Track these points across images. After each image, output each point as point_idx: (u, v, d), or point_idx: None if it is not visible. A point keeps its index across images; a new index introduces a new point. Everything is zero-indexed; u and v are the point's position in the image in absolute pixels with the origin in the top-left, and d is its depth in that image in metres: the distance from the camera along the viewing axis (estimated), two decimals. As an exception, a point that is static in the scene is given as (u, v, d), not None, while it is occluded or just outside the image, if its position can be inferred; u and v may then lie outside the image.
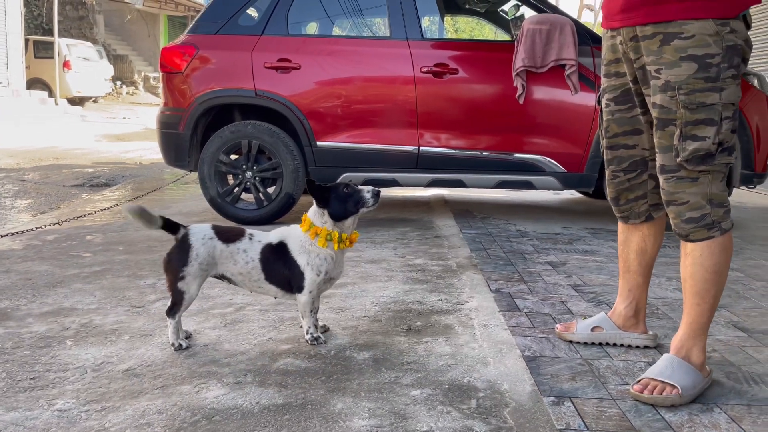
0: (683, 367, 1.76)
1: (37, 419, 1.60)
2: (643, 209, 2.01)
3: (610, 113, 1.94)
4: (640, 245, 2.05)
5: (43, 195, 5.94)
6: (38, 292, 2.67)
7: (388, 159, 4.19)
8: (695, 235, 1.76)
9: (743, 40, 1.69)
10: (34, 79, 17.52)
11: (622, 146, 1.95)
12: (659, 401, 1.69)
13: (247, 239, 2.08)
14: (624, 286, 2.11)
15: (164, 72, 4.32)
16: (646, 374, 1.77)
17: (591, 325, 2.11)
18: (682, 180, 1.73)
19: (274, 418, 1.61)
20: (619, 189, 2.00)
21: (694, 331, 1.81)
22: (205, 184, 4.21)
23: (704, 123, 1.68)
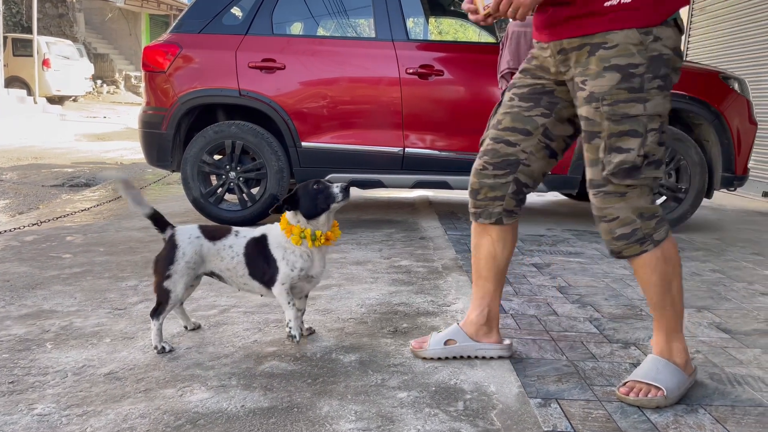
0: (668, 368, 1.76)
1: (16, 424, 1.56)
2: (496, 211, 1.93)
3: (511, 107, 1.88)
4: (489, 250, 1.97)
5: (22, 195, 5.84)
6: (17, 294, 2.62)
7: (373, 160, 4.18)
8: (628, 251, 1.73)
9: (671, 48, 1.64)
10: (12, 78, 17.23)
11: (504, 141, 1.88)
12: (644, 403, 1.69)
13: (233, 236, 2.09)
14: (476, 294, 2.03)
15: (147, 71, 4.27)
16: (632, 376, 1.77)
17: (444, 339, 2.01)
18: (610, 195, 1.70)
19: (260, 422, 1.59)
20: (483, 183, 1.92)
21: (668, 334, 1.80)
22: (188, 184, 4.17)
23: (628, 134, 1.64)
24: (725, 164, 4.17)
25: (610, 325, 2.37)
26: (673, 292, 1.76)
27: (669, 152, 4.14)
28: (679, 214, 4.21)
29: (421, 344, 2.04)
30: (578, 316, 2.46)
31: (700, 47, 8.23)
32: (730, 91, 4.17)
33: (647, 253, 1.72)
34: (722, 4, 7.70)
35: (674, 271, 1.75)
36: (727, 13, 7.59)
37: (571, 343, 2.16)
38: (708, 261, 3.47)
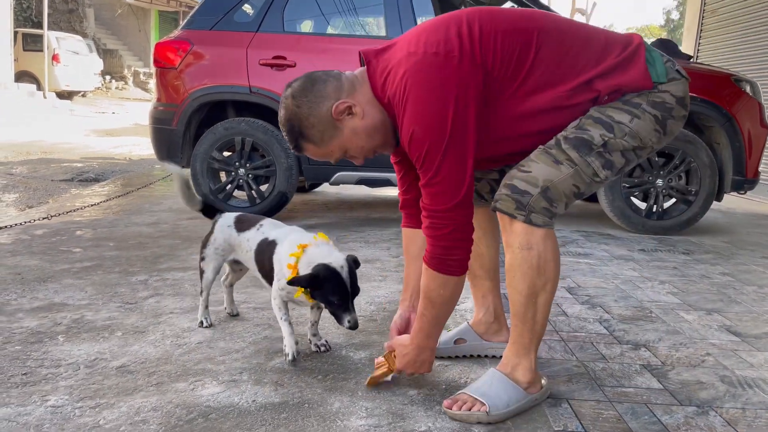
0: (503, 384, 1.65)
1: (30, 415, 1.57)
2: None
3: None
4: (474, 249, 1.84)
5: (32, 189, 5.87)
6: (28, 287, 2.64)
7: (381, 158, 4.17)
8: (502, 204, 1.57)
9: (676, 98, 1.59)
10: (22, 72, 17.34)
11: None
12: (464, 418, 1.60)
13: (254, 229, 2.08)
14: (476, 293, 2.02)
15: (158, 67, 4.29)
16: (464, 389, 1.69)
17: (454, 338, 2.01)
18: (547, 155, 1.56)
19: (271, 417, 1.60)
20: None
21: (518, 350, 1.67)
22: (197, 180, 4.18)
23: (602, 125, 1.56)
24: (736, 167, 4.16)
25: (620, 326, 2.36)
26: (539, 306, 1.61)
27: (680, 154, 4.13)
28: (689, 217, 4.19)
29: None
30: (588, 317, 2.45)
31: (711, 49, 8.19)
32: (741, 93, 4.15)
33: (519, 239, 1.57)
34: (733, 7, 7.66)
35: (544, 283, 1.60)
36: (738, 15, 7.55)
37: (581, 344, 2.16)
38: (718, 264, 3.46)
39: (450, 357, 2.00)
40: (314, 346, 2.03)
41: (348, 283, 1.80)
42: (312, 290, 1.81)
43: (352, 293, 1.81)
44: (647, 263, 3.41)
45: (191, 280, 2.82)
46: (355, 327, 1.80)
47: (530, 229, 1.57)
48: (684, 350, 2.14)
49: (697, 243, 4.01)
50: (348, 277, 1.80)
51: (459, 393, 1.68)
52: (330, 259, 1.81)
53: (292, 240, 1.94)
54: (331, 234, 3.85)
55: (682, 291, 2.88)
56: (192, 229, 3.92)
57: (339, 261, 1.81)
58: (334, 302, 1.80)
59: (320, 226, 4.15)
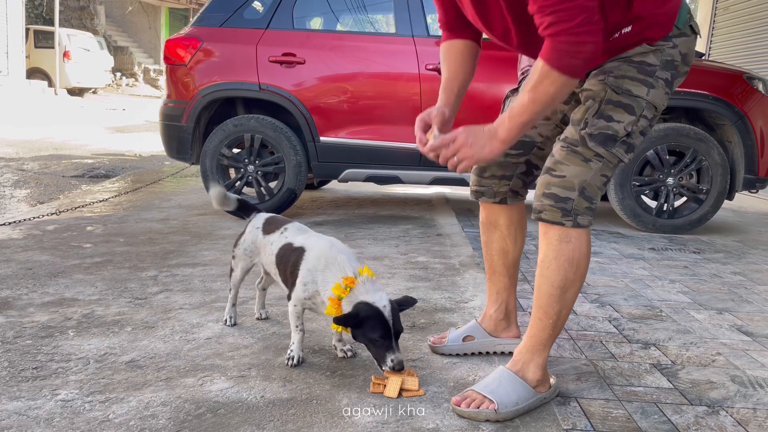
0: (512, 382, 1.65)
1: (40, 409, 1.58)
2: (501, 190, 1.89)
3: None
4: (501, 245, 1.95)
5: (43, 185, 5.91)
6: (39, 282, 2.65)
7: (391, 156, 4.18)
8: (548, 214, 1.61)
9: (682, 54, 1.62)
10: (33, 69, 17.47)
11: None
12: (472, 415, 1.59)
13: (278, 233, 2.05)
14: (492, 289, 2.01)
15: (168, 64, 4.30)
16: (473, 386, 1.68)
17: (462, 335, 1.99)
18: (575, 154, 1.60)
19: (279, 412, 1.60)
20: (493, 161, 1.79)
21: (534, 345, 1.68)
22: (207, 177, 4.20)
23: (624, 108, 1.58)
24: (748, 166, 4.12)
25: (630, 325, 2.35)
26: (566, 301, 1.63)
27: (691, 152, 4.10)
28: (700, 216, 4.16)
29: (440, 340, 2.03)
30: (597, 316, 2.44)
31: (723, 47, 8.13)
32: (754, 91, 4.11)
33: (560, 231, 1.61)
34: (746, 4, 7.59)
35: (575, 278, 1.62)
36: (750, 12, 7.48)
37: (590, 343, 2.15)
38: (729, 263, 3.43)
39: (458, 354, 1.99)
40: (340, 352, 1.98)
41: (391, 323, 1.72)
42: (353, 329, 1.76)
43: (395, 333, 1.73)
44: (657, 262, 3.39)
45: (200, 276, 2.83)
46: (400, 367, 1.70)
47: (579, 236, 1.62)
48: (694, 349, 2.12)
49: (708, 242, 3.98)
50: (391, 316, 1.72)
51: (467, 390, 1.67)
52: (374, 299, 1.74)
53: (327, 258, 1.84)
54: (340, 231, 3.87)
55: (693, 290, 2.86)
56: (201, 226, 3.93)
57: (382, 301, 1.74)
58: (376, 341, 1.72)
59: (329, 223, 4.15)
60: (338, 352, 1.98)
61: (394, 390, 1.72)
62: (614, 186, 4.14)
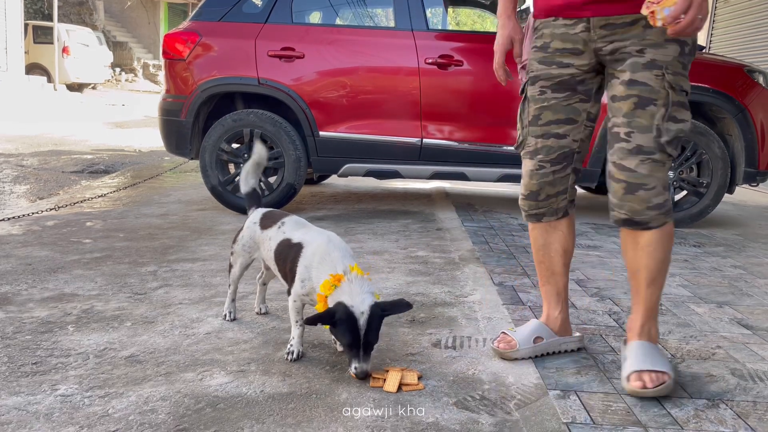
0: (655, 349, 1.79)
1: (39, 404, 1.59)
2: (562, 205, 1.92)
3: (545, 100, 1.84)
4: (562, 245, 1.97)
5: (42, 181, 5.91)
6: (39, 278, 2.65)
7: (390, 150, 4.17)
8: (656, 221, 1.72)
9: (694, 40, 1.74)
10: (33, 65, 17.41)
11: (553, 135, 1.85)
12: (661, 391, 1.67)
13: (276, 228, 2.05)
14: (551, 291, 2.01)
15: (167, 59, 4.29)
16: (635, 367, 1.72)
17: (532, 336, 1.96)
18: (656, 163, 1.68)
19: (279, 407, 1.60)
20: (543, 182, 1.88)
21: (649, 315, 1.82)
22: (206, 172, 4.19)
23: (683, 107, 1.69)
24: (748, 159, 4.11)
25: (630, 318, 2.35)
26: (666, 271, 1.80)
27: (691, 146, 4.09)
28: (700, 209, 4.16)
29: (509, 345, 1.94)
30: (597, 310, 2.44)
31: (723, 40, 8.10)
32: (754, 84, 4.09)
33: (666, 225, 1.74)
34: (747, -3, 7.56)
35: (670, 248, 1.79)
36: (751, 5, 7.45)
37: (590, 336, 2.15)
38: (729, 257, 3.43)
39: (530, 357, 1.94)
40: (340, 347, 1.96)
41: (362, 331, 1.71)
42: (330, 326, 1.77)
43: (365, 342, 1.72)
44: (657, 256, 3.38)
45: (200, 271, 2.83)
46: (361, 376, 1.73)
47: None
48: (694, 343, 2.12)
49: (708, 235, 3.98)
50: (365, 325, 1.71)
51: (632, 372, 1.71)
52: (353, 302, 1.72)
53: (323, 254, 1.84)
54: (340, 226, 3.86)
55: (693, 283, 2.86)
56: (201, 221, 3.93)
57: (362, 306, 1.72)
58: (344, 345, 1.76)
59: (329, 218, 4.15)
60: (338, 347, 1.98)
61: (394, 384, 1.72)
62: (614, 180, 4.13)
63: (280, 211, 2.19)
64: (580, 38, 1.78)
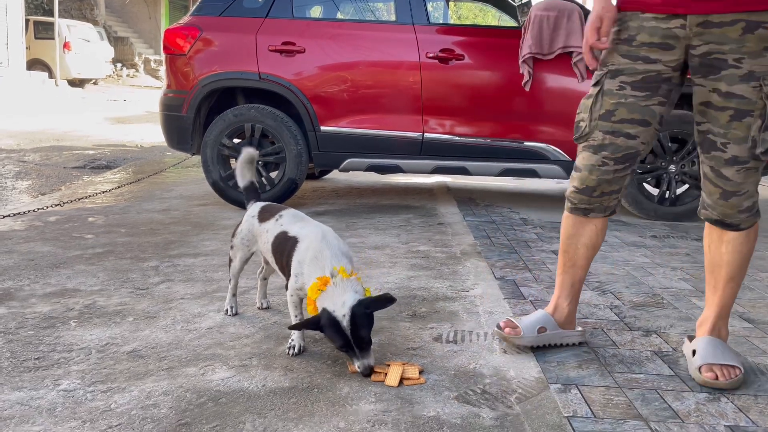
0: (726, 345, 1.83)
1: (42, 399, 1.59)
2: (612, 204, 1.92)
3: (623, 96, 1.79)
4: (592, 240, 1.96)
5: (44, 176, 5.92)
6: (41, 273, 2.66)
7: (392, 145, 4.17)
8: (746, 222, 1.79)
9: None
10: (34, 60, 17.41)
11: (624, 134, 1.81)
12: (733, 384, 1.73)
13: (274, 220, 2.05)
14: (566, 282, 2.01)
15: (167, 54, 4.29)
16: (706, 360, 1.76)
17: (537, 325, 1.96)
18: (750, 171, 1.73)
19: (281, 401, 1.61)
20: (602, 179, 1.86)
21: (724, 312, 1.87)
22: (207, 167, 4.19)
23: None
24: (750, 152, 4.09)
25: (631, 312, 2.35)
26: (746, 269, 1.85)
27: (693, 139, 4.07)
28: (702, 203, 4.14)
29: (514, 331, 1.95)
30: (598, 304, 2.44)
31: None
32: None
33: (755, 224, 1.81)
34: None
35: (754, 247, 1.85)
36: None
37: (591, 330, 2.15)
38: (731, 250, 3.42)
39: (533, 347, 1.95)
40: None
41: (348, 332, 1.71)
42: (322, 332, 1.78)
43: (356, 340, 1.72)
44: (659, 249, 3.38)
45: (202, 266, 2.83)
46: (366, 372, 1.73)
47: None
48: (696, 337, 2.12)
49: (710, 229, 3.97)
50: (349, 326, 1.71)
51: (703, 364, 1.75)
52: (335, 306, 1.73)
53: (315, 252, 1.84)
54: (341, 221, 3.87)
55: (695, 277, 2.86)
56: (203, 216, 3.93)
57: (343, 309, 1.72)
58: (339, 348, 1.77)
59: (330, 213, 4.15)
60: None
61: (395, 379, 1.72)
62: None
63: (279, 205, 2.19)
64: (673, 33, 1.72)
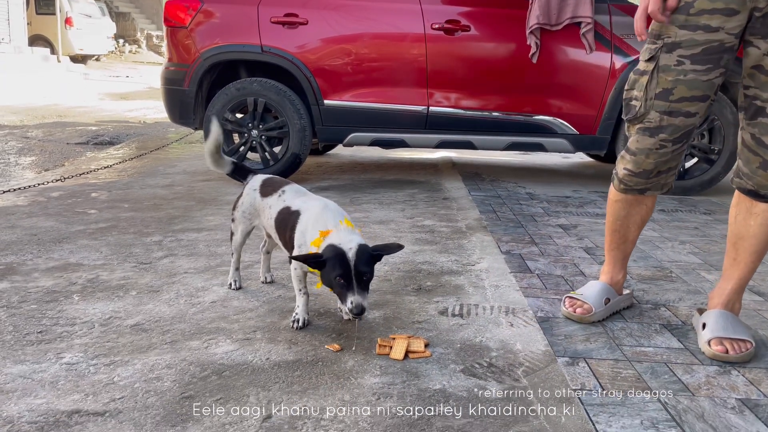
0: (737, 319, 1.80)
1: (45, 372, 1.58)
2: (669, 181, 1.89)
3: (682, 72, 1.68)
4: (642, 217, 1.97)
5: (47, 152, 5.89)
6: (44, 248, 2.64)
7: (396, 119, 4.11)
8: None
9: None
10: (35, 36, 17.27)
11: (683, 113, 1.72)
12: (744, 358, 1.70)
13: (276, 196, 2.02)
14: (618, 257, 2.04)
15: (168, 26, 4.22)
16: (716, 333, 1.73)
17: (602, 299, 1.97)
18: None
19: (285, 375, 1.59)
20: (659, 161, 1.80)
21: (741, 286, 1.82)
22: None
23: None
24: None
25: (640, 286, 2.32)
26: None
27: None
28: (711, 176, 4.09)
29: (585, 309, 1.94)
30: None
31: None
32: (770, 48, 3.98)
33: None
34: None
35: None
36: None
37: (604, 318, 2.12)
38: (740, 224, 3.37)
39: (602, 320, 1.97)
40: (345, 315, 1.93)
41: (352, 262, 1.67)
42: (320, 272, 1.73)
43: (356, 274, 1.68)
44: (667, 223, 3.34)
45: (205, 240, 2.81)
46: (357, 311, 1.66)
47: None
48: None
49: (719, 203, 3.92)
50: (354, 258, 1.68)
51: (713, 338, 1.72)
52: (341, 242, 1.71)
53: (316, 217, 1.83)
54: (345, 196, 3.83)
55: (703, 251, 2.82)
56: (206, 191, 3.90)
57: (349, 244, 1.70)
58: (335, 281, 1.69)
59: (334, 188, 4.11)
60: (343, 315, 1.96)
61: (400, 352, 1.70)
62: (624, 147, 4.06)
63: (281, 179, 2.15)
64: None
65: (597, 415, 1.43)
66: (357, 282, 1.68)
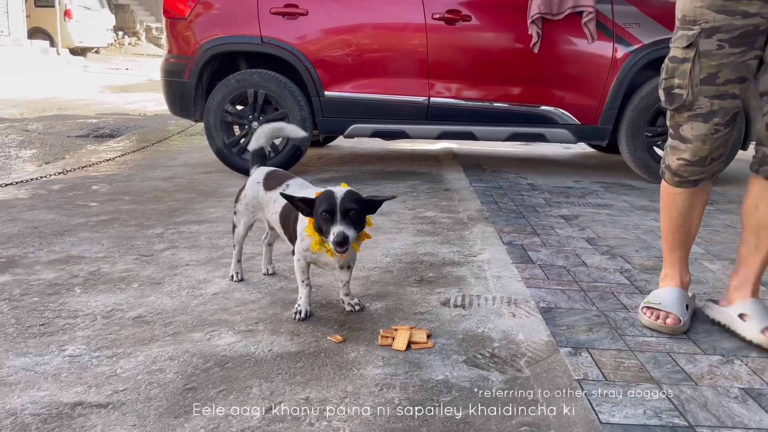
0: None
1: (47, 364, 1.58)
2: (719, 168, 1.86)
3: (724, 56, 1.70)
4: (704, 206, 1.93)
5: (48, 145, 5.88)
6: (45, 241, 2.64)
7: (397, 110, 4.09)
8: None
9: None
10: (35, 29, 17.18)
11: (730, 96, 1.72)
12: None
13: (281, 189, 2.01)
14: (683, 256, 1.97)
15: (167, 18, 4.19)
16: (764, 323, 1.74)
17: (684, 305, 1.88)
18: None
19: (287, 366, 1.59)
20: (714, 147, 1.77)
21: (760, 274, 1.84)
22: (211, 134, 4.14)
23: None
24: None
25: (642, 276, 2.32)
26: None
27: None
28: (713, 167, 4.07)
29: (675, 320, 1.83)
30: (608, 267, 2.41)
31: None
32: None
33: None
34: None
35: None
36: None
37: (601, 294, 2.12)
38: (742, 214, 3.37)
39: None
40: (348, 306, 1.95)
41: (338, 200, 1.69)
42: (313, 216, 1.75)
43: (342, 210, 1.69)
44: (669, 214, 3.33)
45: (207, 233, 2.81)
46: (338, 238, 1.66)
47: None
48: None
49: (721, 193, 3.91)
50: (341, 196, 1.71)
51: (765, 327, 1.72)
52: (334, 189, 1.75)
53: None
54: (347, 187, 3.82)
55: (706, 241, 2.82)
56: (207, 183, 3.90)
57: (342, 189, 1.75)
58: (322, 217, 1.70)
59: (335, 180, 4.10)
60: (346, 306, 1.96)
61: (403, 343, 1.70)
62: (626, 137, 4.05)
63: (284, 172, 2.14)
64: None
65: (600, 405, 1.43)
66: (342, 216, 1.69)
